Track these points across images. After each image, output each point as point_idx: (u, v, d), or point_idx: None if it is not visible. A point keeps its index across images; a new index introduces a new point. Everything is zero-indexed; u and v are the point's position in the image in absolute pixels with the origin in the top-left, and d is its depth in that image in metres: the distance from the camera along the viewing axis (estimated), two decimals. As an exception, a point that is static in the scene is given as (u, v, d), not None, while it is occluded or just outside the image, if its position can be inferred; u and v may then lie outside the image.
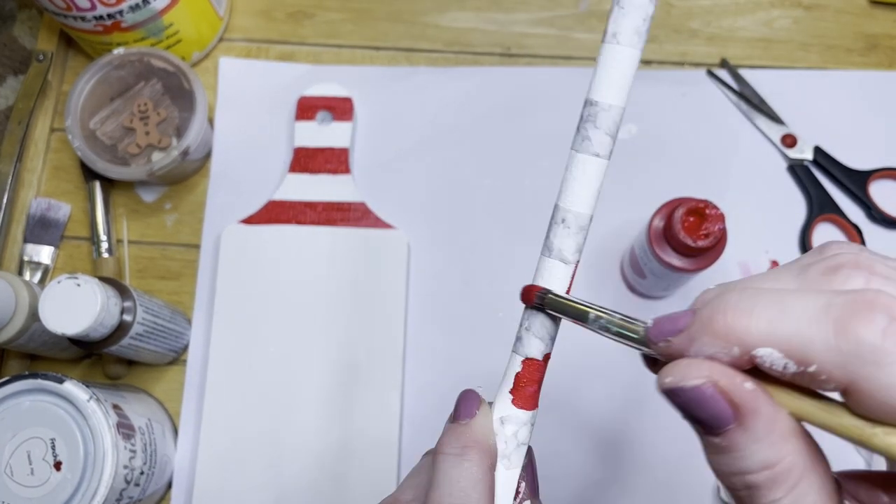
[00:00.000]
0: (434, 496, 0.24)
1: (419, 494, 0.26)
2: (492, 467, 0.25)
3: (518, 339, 0.26)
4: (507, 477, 0.25)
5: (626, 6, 0.23)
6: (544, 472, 0.54)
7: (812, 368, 0.18)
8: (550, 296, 0.25)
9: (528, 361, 0.25)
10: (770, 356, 0.19)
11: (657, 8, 0.61)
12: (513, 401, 0.26)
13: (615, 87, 0.23)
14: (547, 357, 0.26)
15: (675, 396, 0.20)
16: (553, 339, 0.26)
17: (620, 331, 0.22)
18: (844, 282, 0.19)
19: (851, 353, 0.18)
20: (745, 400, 0.19)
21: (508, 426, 0.26)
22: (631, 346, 0.22)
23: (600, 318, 0.23)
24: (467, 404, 0.27)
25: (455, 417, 0.27)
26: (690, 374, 0.20)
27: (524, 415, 0.26)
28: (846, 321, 0.18)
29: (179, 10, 0.56)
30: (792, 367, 0.18)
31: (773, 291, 0.19)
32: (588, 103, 0.24)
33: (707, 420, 0.20)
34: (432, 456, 0.26)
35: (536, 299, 0.25)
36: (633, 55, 0.23)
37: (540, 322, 0.25)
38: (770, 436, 0.19)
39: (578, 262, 0.26)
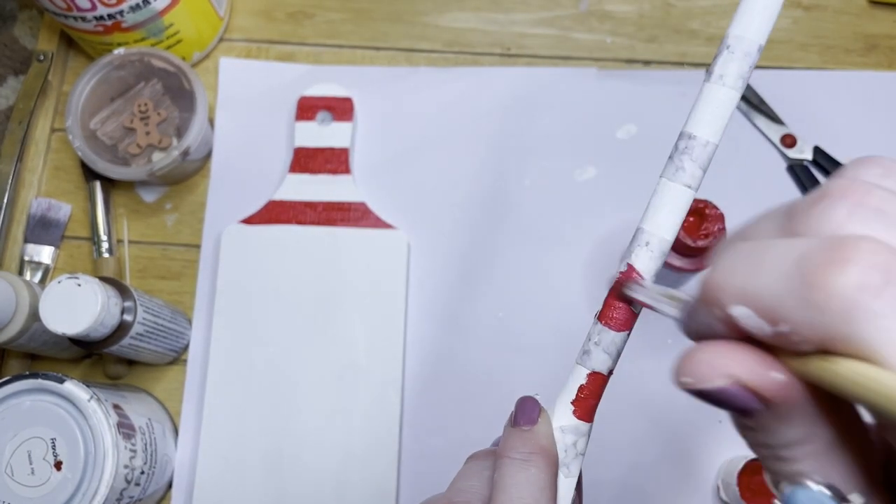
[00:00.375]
0: (501, 499, 0.24)
1: (473, 499, 0.25)
2: (556, 475, 0.26)
3: (586, 352, 0.26)
4: (566, 485, 0.26)
5: (736, 52, 0.24)
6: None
7: (784, 328, 0.17)
8: (629, 286, 0.25)
9: (593, 375, 0.26)
10: (744, 316, 0.17)
11: (656, 8, 0.61)
12: (574, 412, 0.26)
13: (716, 125, 0.24)
14: (610, 373, 0.26)
15: (697, 394, 0.18)
16: (619, 355, 0.26)
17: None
18: (821, 218, 0.17)
19: (821, 310, 0.16)
20: (773, 393, 0.17)
21: (568, 436, 0.26)
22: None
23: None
24: (528, 410, 0.27)
25: (516, 422, 0.26)
26: (709, 374, 0.18)
27: (583, 426, 0.26)
28: (815, 273, 0.16)
29: (180, 10, 0.56)
30: (766, 329, 0.17)
31: (756, 243, 0.18)
32: (686, 136, 0.25)
33: (733, 411, 0.18)
34: (495, 459, 0.26)
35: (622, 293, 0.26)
36: (734, 97, 0.24)
37: (611, 339, 0.26)
38: (800, 418, 0.18)
39: None
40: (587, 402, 0.26)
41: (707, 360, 0.18)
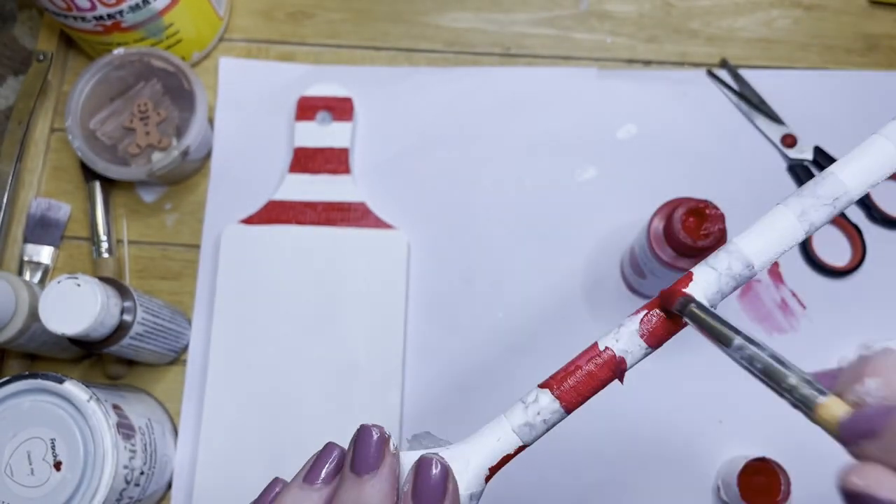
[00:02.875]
0: None
1: None
2: None
3: (529, 425, 0.24)
4: None
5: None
6: (542, 475, 0.54)
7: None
8: (693, 307, 0.23)
9: (521, 448, 0.25)
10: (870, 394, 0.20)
11: (656, 8, 0.61)
12: (487, 477, 0.24)
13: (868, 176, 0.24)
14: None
15: (859, 500, 0.18)
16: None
17: (769, 373, 0.21)
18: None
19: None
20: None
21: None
22: (776, 391, 0.21)
23: (744, 348, 0.21)
24: (368, 451, 0.21)
25: (355, 466, 0.21)
26: (888, 483, 0.17)
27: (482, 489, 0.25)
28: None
29: (179, 10, 0.56)
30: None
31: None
32: (828, 176, 0.24)
33: None
34: None
35: (677, 305, 0.24)
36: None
37: (558, 418, 0.24)
38: None
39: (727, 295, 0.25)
40: (497, 469, 0.25)
41: (886, 471, 0.18)
